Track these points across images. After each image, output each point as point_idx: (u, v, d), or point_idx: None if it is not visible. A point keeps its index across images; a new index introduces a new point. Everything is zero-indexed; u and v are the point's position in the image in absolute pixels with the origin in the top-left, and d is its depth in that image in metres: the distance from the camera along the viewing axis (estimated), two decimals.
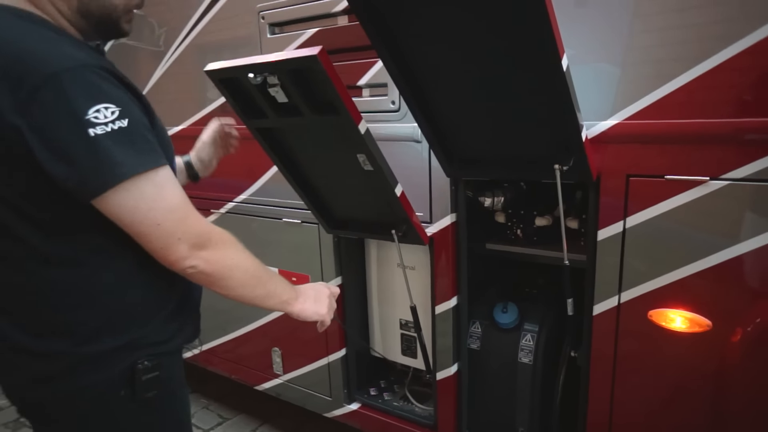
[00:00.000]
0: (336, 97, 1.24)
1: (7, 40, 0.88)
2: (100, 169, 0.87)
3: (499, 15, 1.10)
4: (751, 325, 1.22)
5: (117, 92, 0.90)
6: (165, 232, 0.93)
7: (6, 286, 0.98)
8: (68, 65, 0.86)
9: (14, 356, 1.00)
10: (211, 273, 0.98)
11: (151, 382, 1.03)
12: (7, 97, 0.85)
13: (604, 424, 1.50)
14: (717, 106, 1.19)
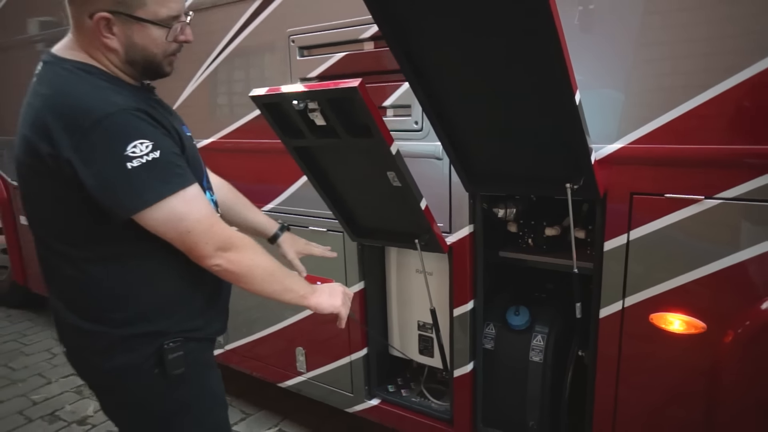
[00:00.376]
0: (371, 122, 1.40)
1: (67, 91, 1.09)
2: (135, 195, 1.07)
3: (520, 53, 1.25)
4: (741, 327, 1.37)
5: (150, 129, 1.09)
6: (195, 238, 1.13)
7: (62, 277, 1.19)
8: (110, 111, 1.06)
9: (72, 333, 1.22)
10: (233, 271, 1.18)
11: (177, 362, 1.21)
12: (65, 138, 1.05)
13: (609, 417, 1.65)
14: (711, 133, 1.34)
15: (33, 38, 3.29)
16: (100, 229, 1.14)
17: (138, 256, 1.18)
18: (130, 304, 1.19)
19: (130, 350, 1.19)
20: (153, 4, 1.11)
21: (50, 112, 1.07)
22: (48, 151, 1.07)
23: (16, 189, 2.96)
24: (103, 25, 1.10)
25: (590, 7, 1.50)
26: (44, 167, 1.09)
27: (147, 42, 1.15)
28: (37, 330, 3.92)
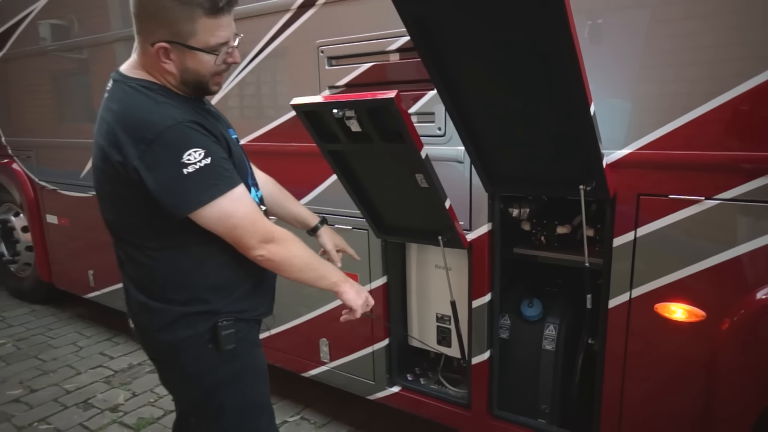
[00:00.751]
0: (404, 129, 1.55)
1: (133, 107, 1.27)
2: (192, 197, 1.25)
3: (541, 69, 1.40)
4: (737, 315, 1.52)
5: (202, 138, 1.26)
6: (241, 232, 1.30)
7: (134, 263, 1.38)
8: (170, 124, 1.23)
9: (140, 310, 1.40)
10: (274, 260, 1.35)
11: (229, 338, 1.39)
12: (132, 148, 1.22)
13: (617, 400, 1.80)
14: (711, 140, 1.49)
15: (49, 47, 3.45)
16: (163, 225, 1.31)
17: (195, 248, 1.35)
18: (188, 287, 1.36)
19: (189, 326, 1.36)
20: (203, 34, 1.26)
21: (120, 125, 1.25)
22: (118, 159, 1.24)
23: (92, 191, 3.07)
24: (162, 52, 1.26)
25: (599, 21, 1.65)
26: (116, 173, 1.26)
27: (198, 66, 1.30)
28: (61, 324, 4.07)
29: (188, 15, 1.22)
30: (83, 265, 3.79)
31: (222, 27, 1.28)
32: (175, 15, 1.22)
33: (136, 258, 1.37)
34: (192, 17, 1.23)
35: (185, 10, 1.22)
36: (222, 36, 1.29)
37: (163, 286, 1.37)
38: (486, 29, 1.37)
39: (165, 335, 1.37)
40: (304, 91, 2.24)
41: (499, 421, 2.08)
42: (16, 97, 3.99)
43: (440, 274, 2.20)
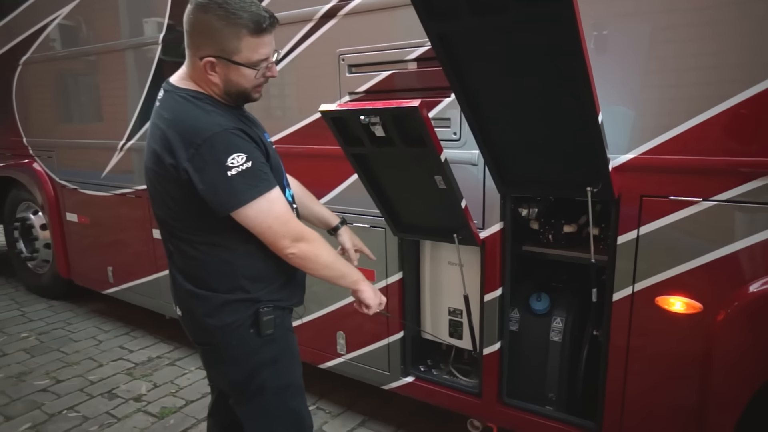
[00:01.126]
0: (426, 135, 1.68)
1: (183, 115, 1.41)
2: (234, 197, 1.38)
3: (554, 82, 1.53)
4: (731, 307, 1.65)
5: (245, 144, 1.39)
6: (275, 231, 1.44)
7: (182, 255, 1.52)
8: (216, 130, 1.37)
9: (188, 298, 1.54)
10: (303, 257, 1.49)
11: (269, 323, 1.53)
12: (183, 151, 1.36)
13: (620, 388, 1.92)
14: (709, 146, 1.62)
15: (71, 52, 3.58)
16: (208, 221, 1.45)
17: (235, 243, 1.49)
18: (231, 277, 1.50)
19: (233, 312, 1.50)
20: (246, 51, 1.40)
21: (172, 131, 1.39)
22: (171, 162, 1.38)
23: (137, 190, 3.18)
24: (209, 66, 1.40)
25: (604, 33, 1.79)
26: (168, 174, 1.40)
27: (240, 79, 1.44)
28: (80, 319, 4.20)
29: (234, 34, 1.36)
30: (102, 262, 3.92)
31: (263, 45, 1.42)
32: (222, 34, 1.36)
33: (184, 251, 1.51)
34: (237, 36, 1.37)
35: (232, 30, 1.36)
36: (263, 53, 1.43)
37: (209, 276, 1.50)
38: (502, 44, 1.50)
39: (212, 320, 1.51)
40: (326, 97, 2.39)
41: (508, 408, 2.21)
42: (38, 100, 4.13)
43: (453, 270, 2.33)
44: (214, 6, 1.34)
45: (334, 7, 2.31)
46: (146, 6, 3.17)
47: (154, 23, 3.09)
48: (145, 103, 3.25)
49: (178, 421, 2.79)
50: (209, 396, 2.95)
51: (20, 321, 4.16)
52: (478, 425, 2.39)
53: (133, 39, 3.24)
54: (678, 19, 1.64)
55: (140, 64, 3.22)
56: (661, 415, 1.87)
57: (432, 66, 2.10)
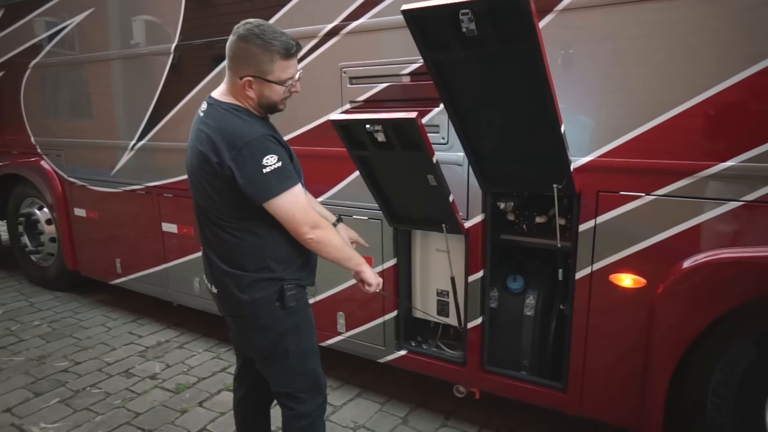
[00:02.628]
0: (421, 141, 2.02)
1: (226, 123, 1.72)
2: (268, 189, 1.70)
3: (525, 97, 1.89)
4: (668, 281, 2.03)
5: (276, 147, 1.72)
6: (298, 219, 1.76)
7: (218, 239, 1.83)
8: (254, 136, 1.69)
9: (223, 276, 1.84)
10: (319, 241, 1.80)
11: (292, 298, 1.85)
12: (227, 152, 1.68)
13: (582, 352, 2.29)
14: (649, 152, 1.99)
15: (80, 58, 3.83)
16: (243, 211, 1.76)
17: (263, 230, 1.80)
18: (259, 258, 1.81)
19: (262, 288, 1.81)
20: (278, 71, 1.72)
21: (218, 135, 1.70)
22: (216, 161, 1.69)
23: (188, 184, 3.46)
24: (247, 84, 1.72)
25: (570, 51, 2.15)
26: (212, 170, 1.71)
27: (272, 94, 1.76)
28: (87, 309, 4.44)
29: (269, 58, 1.69)
30: (110, 254, 4.17)
31: (291, 66, 1.75)
32: (259, 58, 1.69)
33: (220, 236, 1.81)
34: (271, 60, 1.69)
35: (267, 55, 1.69)
36: (291, 73, 1.76)
37: (241, 257, 1.81)
38: (485, 69, 1.85)
39: (244, 296, 1.82)
40: (329, 105, 2.73)
41: (489, 374, 2.58)
42: (48, 101, 4.35)
43: (440, 255, 2.67)
44: (253, 37, 1.67)
45: (337, 26, 2.64)
46: (160, 17, 3.43)
47: (166, 33, 3.36)
48: (155, 106, 3.53)
49: (194, 395, 3.09)
50: (220, 374, 3.30)
51: (30, 310, 4.38)
52: (463, 390, 2.75)
53: (147, 47, 3.50)
54: (624, 45, 2.01)
55: (153, 71, 3.49)
56: (615, 376, 2.25)
57: (423, 80, 2.43)
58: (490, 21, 1.62)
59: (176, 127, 3.46)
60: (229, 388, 3.15)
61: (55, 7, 3.95)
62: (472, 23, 1.64)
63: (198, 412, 2.91)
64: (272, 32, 1.68)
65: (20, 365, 3.45)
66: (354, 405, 2.98)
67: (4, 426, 2.80)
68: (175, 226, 3.68)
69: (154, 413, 2.90)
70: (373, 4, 2.53)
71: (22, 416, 2.88)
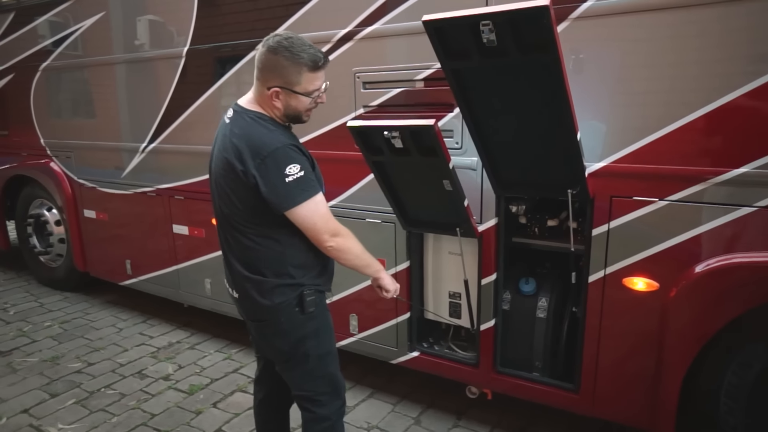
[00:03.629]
0: (438, 147, 2.06)
1: (252, 132, 1.75)
2: (290, 198, 1.72)
3: (542, 105, 1.92)
4: (680, 285, 2.07)
5: (299, 156, 1.74)
6: (318, 228, 1.79)
7: (240, 245, 1.85)
8: (278, 145, 1.71)
9: (244, 281, 1.87)
10: (339, 249, 1.83)
11: (311, 303, 1.88)
12: (251, 161, 1.70)
13: (594, 355, 2.33)
14: (663, 157, 2.03)
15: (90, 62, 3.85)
16: (265, 218, 1.79)
17: (284, 237, 1.83)
18: (279, 264, 1.84)
19: (282, 294, 1.84)
20: (305, 83, 1.74)
21: (243, 144, 1.72)
22: (240, 168, 1.72)
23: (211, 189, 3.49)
24: (274, 94, 1.75)
25: (584, 58, 2.17)
26: (236, 177, 1.74)
27: (298, 105, 1.79)
28: (96, 309, 4.47)
29: (297, 70, 1.71)
30: (121, 255, 4.21)
31: (318, 79, 1.77)
32: (288, 70, 1.71)
33: (242, 242, 1.84)
34: (299, 72, 1.72)
35: (295, 68, 1.71)
36: (317, 84, 1.78)
37: (261, 263, 1.84)
38: (503, 77, 1.88)
39: (264, 300, 1.85)
40: (343, 109, 2.76)
41: (501, 376, 2.61)
42: (58, 104, 4.37)
43: (453, 258, 2.71)
44: (281, 49, 1.69)
45: (351, 31, 2.66)
46: (172, 21, 3.46)
47: (178, 38, 3.39)
48: (167, 109, 3.55)
49: (207, 396, 3.12)
50: (232, 374, 3.33)
51: (40, 311, 4.42)
52: (476, 391, 2.79)
53: (159, 51, 3.53)
54: (637, 51, 2.04)
55: (164, 74, 3.51)
56: (628, 377, 2.29)
57: (437, 85, 2.47)
58: (510, 32, 1.65)
59: (187, 130, 3.49)
60: (242, 389, 3.19)
61: (65, 11, 3.97)
62: (493, 34, 1.67)
63: (213, 413, 2.95)
64: (300, 45, 1.71)
65: (35, 366, 3.48)
66: (367, 405, 3.02)
67: (23, 427, 2.83)
68: (186, 228, 3.71)
69: (169, 414, 2.94)
70: (387, 11, 2.56)
71: (39, 417, 2.92)
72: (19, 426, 2.84)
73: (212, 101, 3.33)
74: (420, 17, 1.84)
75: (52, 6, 4.04)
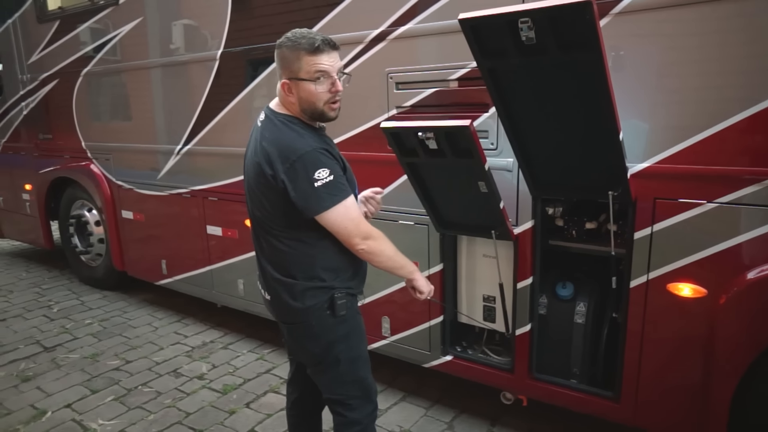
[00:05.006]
0: (474, 148, 2.01)
1: (282, 136, 1.74)
2: (319, 203, 1.70)
3: (582, 103, 1.85)
4: (731, 292, 1.97)
5: (328, 160, 1.72)
6: (349, 231, 1.76)
7: (273, 248, 1.84)
8: (307, 149, 1.69)
9: (276, 284, 1.86)
10: (371, 252, 1.80)
11: (342, 307, 1.86)
12: (280, 165, 1.69)
13: (636, 363, 2.24)
14: (712, 157, 1.93)
15: (129, 66, 3.94)
16: (296, 222, 1.77)
17: (315, 240, 1.81)
18: (310, 268, 1.82)
19: (313, 297, 1.83)
20: (306, 66, 1.69)
21: (273, 148, 1.72)
22: (270, 173, 1.71)
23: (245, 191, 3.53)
24: (286, 88, 1.74)
25: (627, 53, 2.09)
26: (267, 182, 1.74)
27: (309, 96, 1.73)
28: (134, 308, 4.58)
29: (296, 56, 1.70)
30: (157, 255, 4.29)
31: (320, 61, 1.70)
32: (289, 58, 1.71)
33: (275, 245, 1.83)
34: (298, 57, 1.70)
35: (294, 54, 1.70)
36: (321, 67, 1.71)
37: (293, 266, 1.83)
38: (542, 76, 1.83)
39: (296, 303, 1.84)
40: (375, 110, 2.73)
41: (538, 382, 2.55)
42: (98, 107, 4.50)
43: (487, 261, 2.66)
44: (284, 41, 1.72)
45: (383, 32, 2.64)
46: (206, 25, 3.51)
47: (213, 40, 3.43)
48: (201, 112, 3.61)
49: (240, 396, 3.15)
50: (264, 375, 3.35)
51: (81, 309, 4.55)
52: (510, 397, 2.73)
53: (193, 54, 3.58)
54: (685, 43, 1.94)
55: (199, 77, 3.56)
56: (672, 386, 2.19)
57: (471, 85, 2.42)
58: (550, 29, 1.60)
59: (221, 132, 3.54)
60: (274, 389, 3.20)
61: (105, 17, 4.08)
62: (532, 31, 1.62)
63: (246, 414, 2.97)
64: (301, 34, 1.70)
65: (76, 362, 3.58)
66: (399, 409, 2.99)
67: (66, 421, 2.92)
68: (219, 229, 3.76)
69: (203, 413, 2.97)
70: (419, 10, 2.53)
71: (81, 412, 3.00)
72: (63, 420, 2.92)
73: (245, 104, 3.36)
74: (453, 16, 1.80)
75: (93, 13, 4.16)
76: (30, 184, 5.28)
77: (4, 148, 5.52)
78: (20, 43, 4.89)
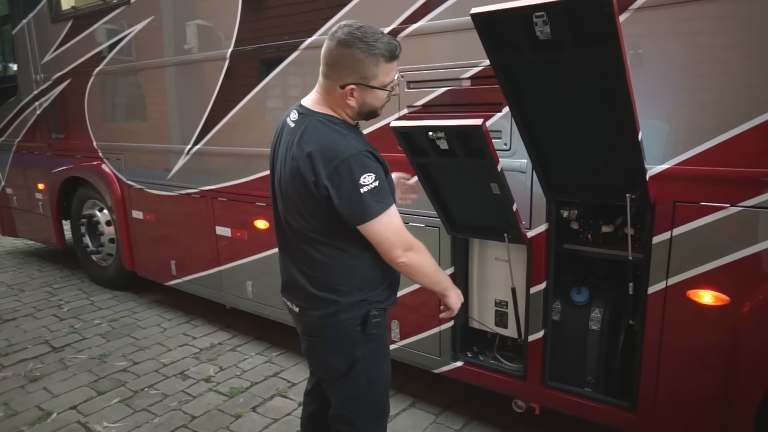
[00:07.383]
0: (486, 148, 1.95)
1: (323, 138, 1.61)
2: (365, 211, 1.58)
3: (600, 102, 1.78)
4: (756, 300, 1.88)
5: (374, 165, 1.60)
6: (391, 242, 1.64)
7: (308, 257, 1.73)
8: (352, 152, 1.57)
9: (306, 296, 1.76)
10: (411, 265, 1.69)
11: (375, 325, 1.76)
12: (323, 170, 1.57)
13: (654, 372, 2.16)
14: (736, 158, 1.85)
15: (140, 65, 3.93)
16: (336, 231, 1.66)
17: (355, 250, 1.69)
18: (351, 279, 1.71)
19: (347, 311, 1.72)
20: (381, 76, 1.62)
21: (315, 152, 1.58)
22: (312, 180, 1.60)
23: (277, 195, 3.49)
24: (349, 92, 1.63)
25: (646, 51, 2.01)
26: (308, 188, 1.62)
27: (374, 100, 1.67)
28: (143, 309, 4.57)
29: (374, 62, 1.59)
30: (166, 256, 4.28)
31: (394, 69, 1.65)
32: (364, 63, 1.59)
33: (313, 255, 1.70)
34: (376, 64, 1.59)
35: (371, 59, 1.59)
36: (392, 75, 1.66)
37: (332, 278, 1.71)
38: (557, 73, 1.76)
39: (329, 319, 1.72)
40: (386, 109, 2.64)
41: (551, 390, 2.47)
42: (109, 107, 4.50)
43: (499, 265, 2.59)
44: (355, 41, 1.56)
45: (394, 30, 2.58)
46: (216, 24, 3.48)
47: (222, 39, 3.40)
48: (211, 112, 3.58)
49: (247, 399, 3.11)
50: (272, 378, 3.31)
51: (91, 309, 4.55)
52: (522, 405, 2.65)
53: (203, 53, 3.56)
54: (709, 41, 1.87)
55: (209, 76, 3.54)
56: (692, 396, 2.11)
57: (484, 84, 2.36)
58: (567, 24, 1.53)
59: (231, 132, 3.51)
60: (281, 393, 3.16)
61: (118, 16, 4.08)
62: (547, 26, 1.55)
63: (252, 418, 2.92)
64: (373, 33, 1.58)
65: (84, 363, 3.57)
66: (408, 415, 2.93)
67: (71, 423, 2.89)
68: (228, 230, 3.73)
69: (209, 417, 2.93)
70: (431, 7, 2.47)
71: (87, 414, 2.98)
72: (68, 422, 2.90)
73: (255, 103, 3.32)
74: (465, 13, 1.73)
75: (105, 13, 4.16)
76: (43, 183, 5.31)
77: (19, 148, 5.56)
78: (34, 43, 4.92)
